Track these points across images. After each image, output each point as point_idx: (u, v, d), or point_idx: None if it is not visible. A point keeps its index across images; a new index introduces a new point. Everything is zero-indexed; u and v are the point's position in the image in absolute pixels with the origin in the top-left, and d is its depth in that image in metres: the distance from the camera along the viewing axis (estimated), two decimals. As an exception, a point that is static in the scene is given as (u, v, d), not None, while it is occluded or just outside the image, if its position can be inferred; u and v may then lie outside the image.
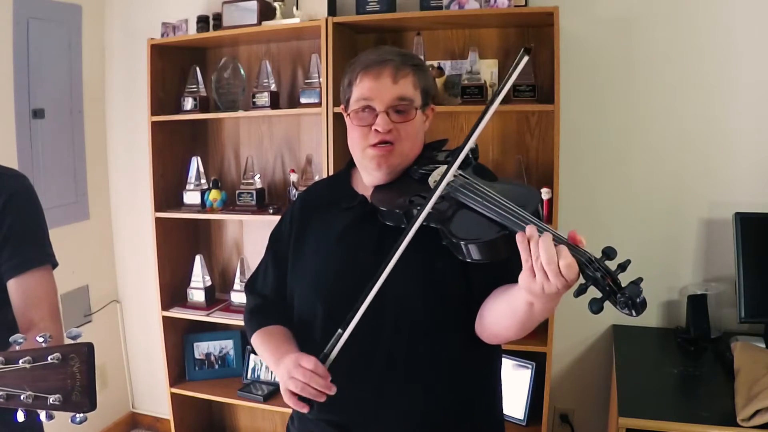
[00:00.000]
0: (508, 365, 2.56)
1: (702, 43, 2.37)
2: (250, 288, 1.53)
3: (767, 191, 2.34)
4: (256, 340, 1.42)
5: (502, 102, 2.53)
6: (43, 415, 0.90)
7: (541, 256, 0.96)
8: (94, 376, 0.91)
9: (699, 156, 2.42)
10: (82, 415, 0.90)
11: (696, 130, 2.42)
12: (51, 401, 0.89)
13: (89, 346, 0.92)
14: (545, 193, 2.31)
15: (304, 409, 1.18)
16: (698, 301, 2.33)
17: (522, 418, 2.51)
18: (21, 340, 0.92)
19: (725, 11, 2.33)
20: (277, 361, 1.27)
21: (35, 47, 2.79)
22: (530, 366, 2.52)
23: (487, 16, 2.39)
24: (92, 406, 0.91)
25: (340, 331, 1.17)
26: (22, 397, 0.89)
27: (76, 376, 0.90)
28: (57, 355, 0.90)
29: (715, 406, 1.85)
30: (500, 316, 1.19)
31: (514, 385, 2.53)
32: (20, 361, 0.90)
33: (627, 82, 2.47)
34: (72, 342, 0.92)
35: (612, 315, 0.96)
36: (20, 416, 0.90)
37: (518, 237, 1.01)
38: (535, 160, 2.55)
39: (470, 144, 1.17)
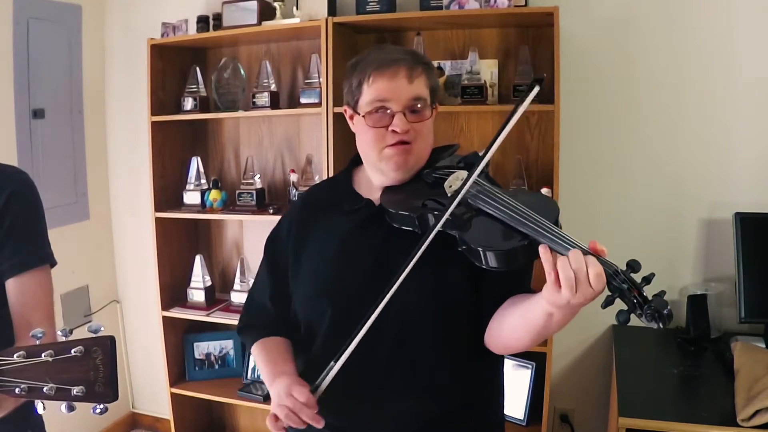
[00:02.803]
0: (508, 365, 2.55)
1: (701, 43, 2.38)
2: (247, 301, 1.52)
3: (767, 191, 2.35)
4: (255, 350, 1.42)
5: (501, 102, 2.54)
6: (63, 406, 0.92)
7: (573, 268, 0.95)
8: (116, 368, 0.94)
9: (699, 156, 2.42)
10: (102, 406, 0.93)
11: (696, 130, 2.42)
12: (74, 393, 0.91)
13: (111, 339, 0.94)
14: (545, 193, 2.31)
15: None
16: (698, 301, 2.33)
17: (522, 418, 2.51)
18: (40, 335, 0.94)
19: (724, 11, 2.33)
20: (272, 381, 1.28)
21: (35, 47, 2.79)
22: (530, 366, 2.52)
23: (487, 16, 2.39)
24: (115, 396, 0.93)
25: (332, 363, 1.17)
26: (44, 389, 0.91)
27: (99, 368, 0.92)
28: (80, 348, 0.92)
29: (715, 406, 1.84)
30: (514, 327, 1.17)
31: (514, 385, 2.53)
32: (43, 355, 0.92)
33: (627, 81, 2.47)
34: (93, 335, 0.94)
35: (611, 315, 0.96)
36: (40, 408, 0.92)
37: (541, 249, 1.00)
38: (535, 160, 2.55)
39: (492, 150, 1.16)
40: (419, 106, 1.28)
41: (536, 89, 1.13)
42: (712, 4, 2.35)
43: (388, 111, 1.27)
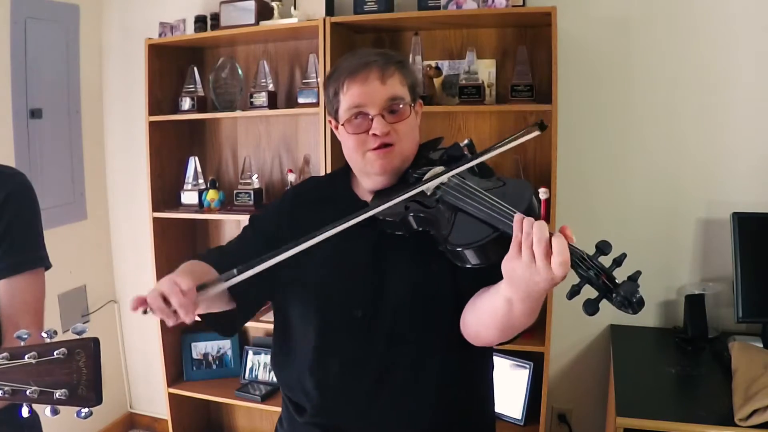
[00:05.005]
0: (505, 365, 2.56)
1: (699, 43, 2.38)
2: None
3: (765, 191, 2.35)
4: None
5: (499, 102, 2.54)
6: (48, 410, 0.90)
7: (533, 233, 0.93)
8: (100, 371, 0.92)
9: (697, 156, 2.43)
10: (87, 409, 0.91)
11: (693, 130, 2.42)
12: (57, 396, 0.89)
13: (95, 341, 0.92)
14: (543, 193, 2.31)
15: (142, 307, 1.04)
16: (696, 301, 2.33)
17: (520, 417, 2.51)
18: (26, 336, 0.93)
19: (722, 11, 2.34)
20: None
21: (33, 47, 2.78)
22: (528, 366, 2.52)
23: (484, 16, 2.39)
24: (98, 400, 0.91)
25: (234, 271, 1.07)
26: (27, 392, 0.89)
27: (82, 371, 0.90)
28: (63, 350, 0.90)
29: (713, 406, 1.85)
30: (481, 314, 1.17)
31: (512, 385, 2.53)
32: (26, 357, 0.90)
33: (624, 81, 2.47)
34: (77, 337, 0.92)
35: (610, 315, 0.95)
36: (25, 411, 0.91)
37: (516, 217, 0.98)
38: (533, 160, 2.55)
39: (458, 170, 1.16)
40: (398, 105, 1.27)
41: (535, 133, 1.13)
42: (710, 3, 2.35)
43: (367, 115, 1.26)
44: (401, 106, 1.28)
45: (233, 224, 3.07)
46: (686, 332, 2.33)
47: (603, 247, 0.93)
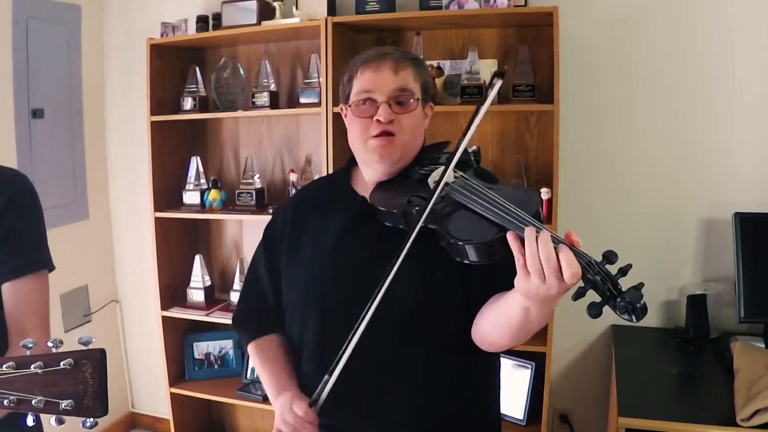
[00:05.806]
0: (507, 365, 2.56)
1: (701, 44, 2.38)
2: (242, 292, 1.53)
3: (766, 191, 2.34)
4: (252, 352, 1.45)
5: (501, 102, 2.54)
6: (53, 419, 0.90)
7: (540, 254, 0.94)
8: (106, 382, 0.92)
9: (698, 156, 2.42)
10: (92, 420, 0.91)
11: (695, 130, 2.42)
12: (63, 406, 0.89)
13: (102, 352, 0.92)
14: (544, 193, 2.31)
15: None
16: (698, 301, 2.33)
17: (521, 417, 2.51)
18: (31, 345, 0.92)
19: (724, 12, 2.33)
20: (276, 396, 1.33)
21: (35, 47, 2.79)
22: (530, 366, 2.52)
23: (486, 16, 2.39)
24: (104, 411, 0.91)
25: (326, 377, 1.19)
26: (33, 402, 0.89)
27: (88, 382, 0.90)
28: (69, 360, 0.90)
29: (715, 406, 1.85)
30: (496, 323, 1.18)
31: (514, 385, 2.53)
32: (32, 366, 0.90)
33: (626, 82, 2.47)
34: (84, 347, 0.92)
35: (611, 315, 0.95)
36: (30, 421, 0.90)
37: (509, 236, 0.99)
38: (535, 161, 2.55)
39: (464, 145, 1.16)
40: (407, 98, 1.29)
41: (498, 83, 1.15)
42: (711, 4, 2.35)
43: (375, 102, 1.29)
44: (410, 100, 1.30)
45: (235, 224, 3.07)
46: (688, 332, 2.33)
47: (610, 256, 0.95)
